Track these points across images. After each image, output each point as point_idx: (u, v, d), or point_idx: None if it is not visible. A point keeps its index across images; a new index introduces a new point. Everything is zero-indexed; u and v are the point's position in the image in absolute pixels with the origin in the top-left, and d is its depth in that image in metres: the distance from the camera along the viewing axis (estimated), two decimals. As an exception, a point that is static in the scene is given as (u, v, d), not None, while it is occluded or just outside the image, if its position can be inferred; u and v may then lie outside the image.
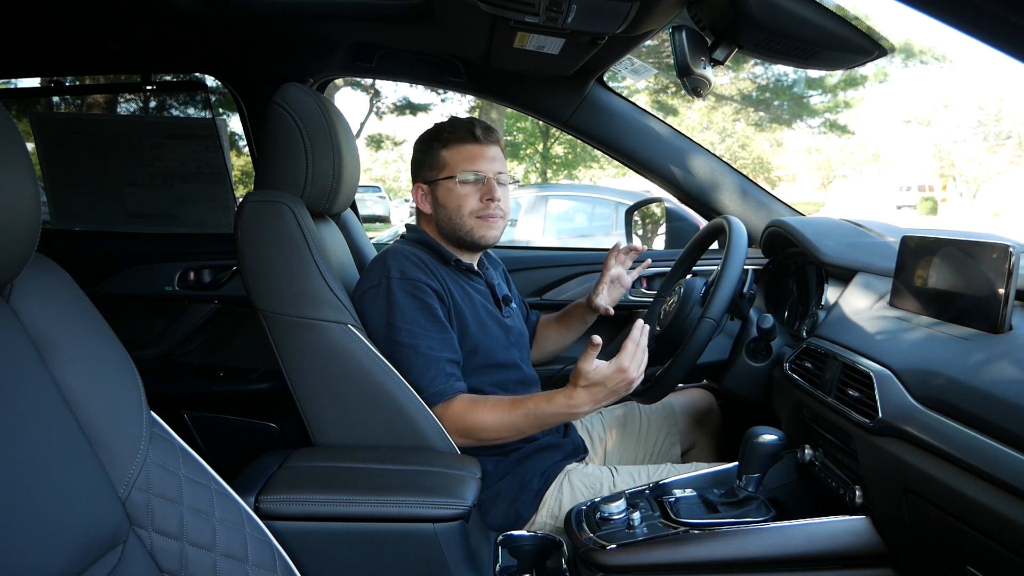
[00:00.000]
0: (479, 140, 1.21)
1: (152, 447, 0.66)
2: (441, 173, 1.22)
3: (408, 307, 1.10)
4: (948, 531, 0.77)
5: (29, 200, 0.57)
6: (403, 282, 1.11)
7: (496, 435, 1.10)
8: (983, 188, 23.55)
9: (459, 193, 1.20)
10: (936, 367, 0.84)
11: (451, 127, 1.23)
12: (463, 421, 1.08)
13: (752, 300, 1.28)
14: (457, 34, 1.49)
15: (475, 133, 1.21)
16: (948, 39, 19.31)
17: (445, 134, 1.22)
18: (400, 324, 1.09)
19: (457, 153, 1.21)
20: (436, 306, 1.12)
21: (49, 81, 1.97)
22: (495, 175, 1.21)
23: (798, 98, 12.55)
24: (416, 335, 1.09)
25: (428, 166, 1.23)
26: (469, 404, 1.09)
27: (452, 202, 1.21)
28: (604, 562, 0.98)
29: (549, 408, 1.05)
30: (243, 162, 5.84)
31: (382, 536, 0.93)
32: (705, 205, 1.71)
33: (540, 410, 1.06)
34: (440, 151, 1.22)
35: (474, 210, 1.20)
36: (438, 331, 1.11)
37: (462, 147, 1.21)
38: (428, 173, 1.24)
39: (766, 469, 1.03)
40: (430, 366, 1.09)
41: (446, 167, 1.21)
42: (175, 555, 0.65)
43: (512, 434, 1.10)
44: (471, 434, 1.09)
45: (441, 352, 1.10)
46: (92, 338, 0.66)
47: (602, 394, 1.02)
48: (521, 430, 1.09)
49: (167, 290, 1.81)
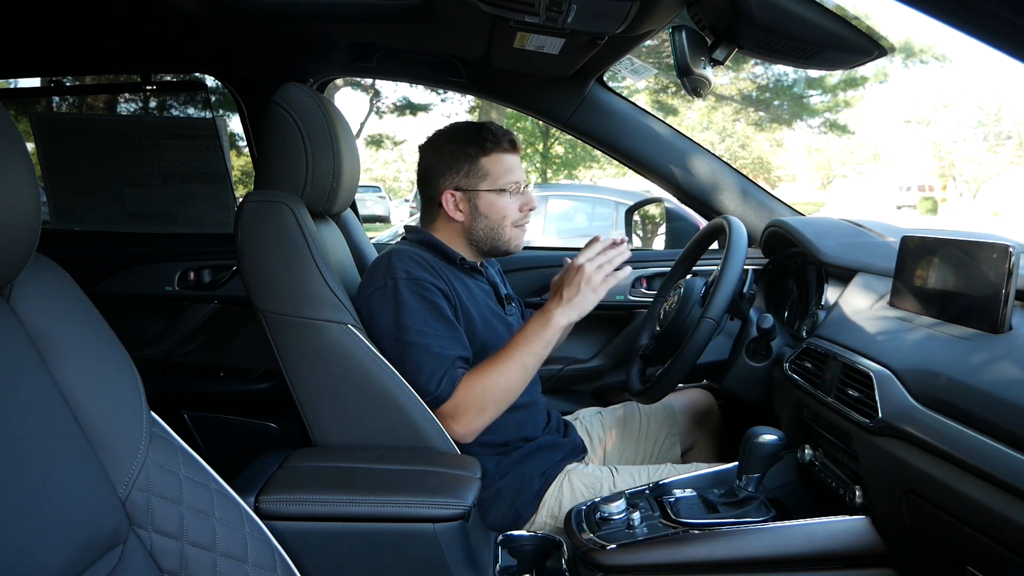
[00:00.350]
0: (516, 149, 1.23)
1: (152, 447, 0.66)
2: (483, 183, 1.20)
3: (417, 307, 1.10)
4: (948, 531, 0.77)
5: (29, 200, 0.57)
6: (410, 283, 1.11)
7: (508, 381, 1.11)
8: (983, 188, 23.55)
9: (504, 203, 1.21)
10: (936, 367, 0.84)
11: (491, 135, 1.21)
12: (478, 392, 1.09)
13: (752, 300, 1.28)
14: (457, 34, 1.49)
15: (514, 142, 1.23)
16: (948, 39, 19.31)
17: (487, 143, 1.20)
18: (410, 324, 1.09)
19: (499, 163, 1.21)
20: (444, 305, 1.13)
21: (49, 81, 1.97)
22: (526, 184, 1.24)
23: (798, 98, 12.54)
24: (427, 334, 1.09)
25: (464, 173, 1.20)
26: (473, 376, 1.11)
27: (496, 213, 1.21)
28: (604, 562, 0.98)
29: (530, 327, 1.11)
30: (243, 162, 5.84)
31: (382, 536, 0.93)
32: (705, 205, 1.71)
33: (525, 333, 1.11)
34: (480, 159, 1.20)
35: (515, 220, 1.23)
36: (448, 330, 1.12)
37: (503, 156, 1.21)
38: (465, 180, 1.20)
39: (766, 469, 1.03)
40: (442, 364, 1.09)
41: (488, 177, 1.20)
42: (175, 555, 0.65)
43: (521, 374, 1.11)
44: (490, 398, 1.10)
45: (452, 350, 1.10)
46: (92, 338, 0.66)
47: (568, 294, 1.10)
48: (524, 363, 1.11)
49: (167, 290, 1.81)
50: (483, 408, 1.09)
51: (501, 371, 1.10)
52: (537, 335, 1.10)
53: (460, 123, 1.27)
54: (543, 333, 1.10)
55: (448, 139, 1.22)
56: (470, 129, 1.23)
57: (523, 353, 1.10)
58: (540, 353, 1.11)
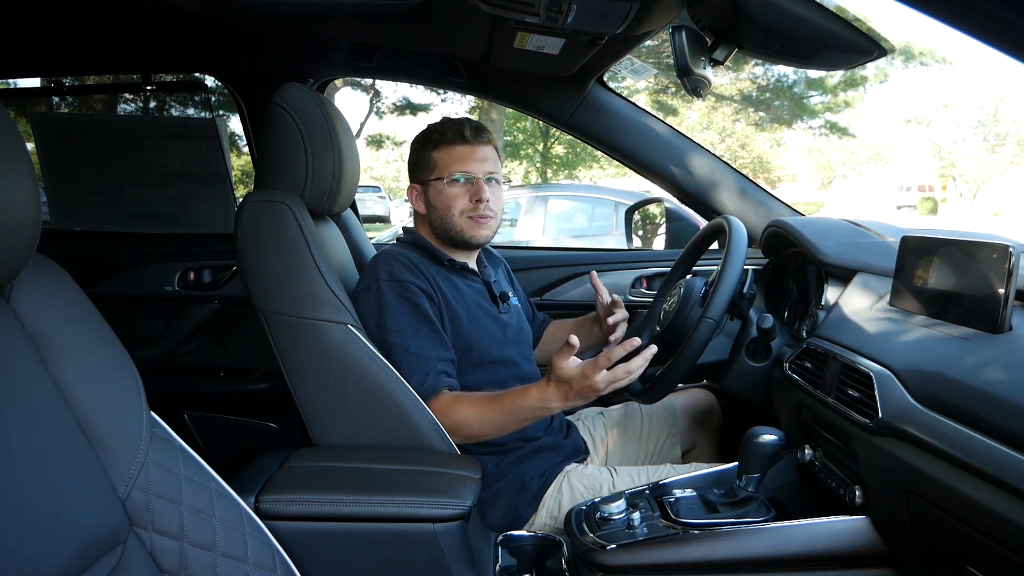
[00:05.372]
0: (468, 141, 1.22)
1: (152, 447, 0.66)
2: (432, 174, 1.23)
3: (397, 308, 1.11)
4: (948, 531, 0.77)
5: (29, 200, 0.57)
6: (392, 284, 1.12)
7: (478, 431, 1.09)
8: (983, 188, 23.56)
9: (448, 194, 1.21)
10: (936, 367, 0.84)
11: (441, 128, 1.24)
12: (445, 417, 1.08)
13: (752, 300, 1.28)
14: (457, 34, 1.49)
15: (464, 134, 1.22)
16: (948, 41, 19.32)
17: (436, 135, 1.24)
18: (391, 325, 1.10)
19: (447, 154, 1.22)
20: (426, 306, 1.13)
21: (49, 81, 1.98)
22: (485, 175, 1.22)
23: (798, 98, 12.54)
24: (406, 335, 1.10)
25: (421, 167, 1.25)
26: (451, 400, 1.09)
27: (442, 203, 1.22)
28: (604, 562, 0.98)
29: (524, 402, 1.05)
30: (243, 162, 5.84)
31: (382, 536, 0.93)
32: (705, 205, 1.71)
33: (515, 404, 1.06)
34: (431, 152, 1.23)
35: (464, 210, 1.22)
36: (428, 331, 1.12)
37: (452, 148, 1.22)
38: (421, 174, 1.25)
39: (766, 469, 1.03)
40: (420, 365, 1.09)
41: (436, 168, 1.23)
42: (175, 555, 0.65)
43: (494, 430, 1.09)
44: (455, 430, 1.09)
45: (432, 351, 1.11)
46: (92, 338, 0.66)
47: (571, 394, 1.01)
48: (501, 425, 1.08)
49: (167, 290, 1.81)
50: (449, 431, 1.09)
51: (481, 419, 1.08)
52: (528, 416, 1.07)
53: (433, 122, 1.29)
54: (534, 415, 1.07)
55: (416, 138, 1.28)
56: (432, 126, 1.27)
57: (508, 420, 1.08)
58: (523, 425, 1.10)
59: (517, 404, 1.05)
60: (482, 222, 1.22)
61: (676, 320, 1.24)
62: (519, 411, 1.06)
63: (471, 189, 1.21)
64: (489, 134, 1.26)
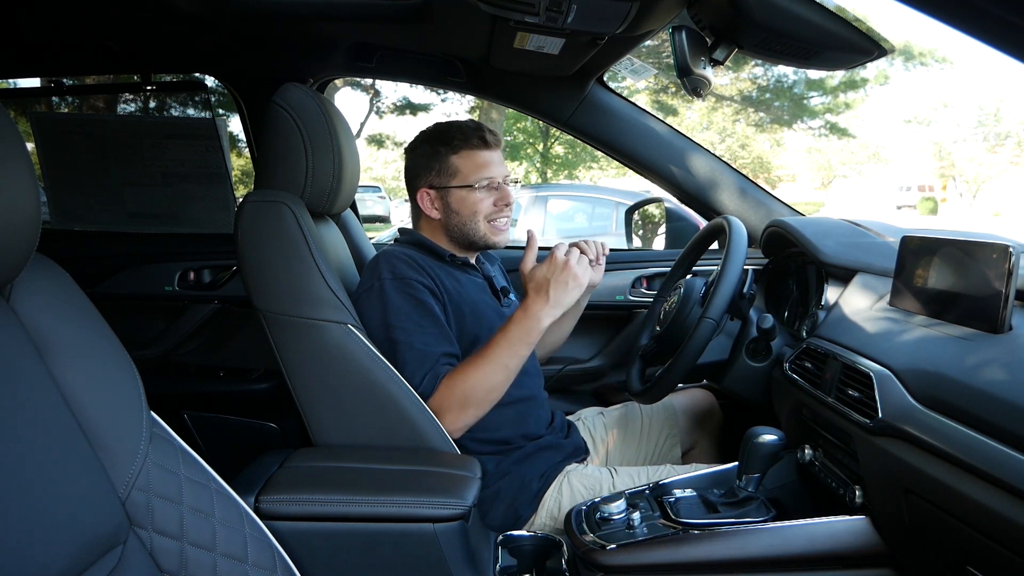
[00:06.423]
0: (489, 146, 1.23)
1: (152, 447, 0.66)
2: (453, 180, 1.22)
3: (402, 305, 1.11)
4: (948, 531, 0.77)
5: (29, 200, 0.57)
6: (395, 282, 1.12)
7: (488, 385, 1.09)
8: (983, 188, 23.56)
9: (475, 199, 1.22)
10: (936, 367, 0.84)
11: (460, 133, 1.23)
12: (453, 393, 1.08)
13: (752, 300, 1.28)
14: (457, 34, 1.49)
15: (486, 139, 1.23)
16: (949, 41, 19.32)
17: (455, 140, 1.22)
18: (395, 322, 1.10)
19: (469, 160, 1.22)
20: (430, 302, 1.13)
21: (49, 81, 1.97)
22: (504, 179, 1.24)
23: (798, 99, 12.54)
24: (411, 331, 1.10)
25: (436, 171, 1.23)
26: (452, 376, 1.10)
27: (467, 209, 1.22)
28: (604, 562, 0.98)
29: (512, 327, 1.08)
30: (243, 162, 5.84)
31: (382, 536, 0.93)
32: (705, 205, 1.71)
33: (507, 335, 1.08)
34: (450, 158, 1.22)
35: (488, 215, 1.23)
36: (433, 326, 1.12)
37: (474, 154, 1.22)
38: (436, 179, 1.24)
39: (766, 469, 1.03)
40: (424, 361, 1.09)
41: (459, 174, 1.22)
42: (175, 555, 0.65)
43: (502, 376, 1.09)
44: (467, 401, 1.08)
45: (436, 347, 1.11)
46: (92, 338, 0.66)
47: (552, 291, 1.06)
48: (505, 364, 1.09)
49: (167, 290, 1.81)
50: (464, 407, 1.09)
51: (484, 372, 1.08)
52: (521, 339, 1.08)
53: (438, 123, 1.28)
54: (527, 336, 1.08)
55: (423, 140, 1.26)
56: (443, 128, 1.25)
57: (506, 355, 1.08)
58: (523, 354, 1.10)
59: (509, 334, 1.08)
60: (504, 225, 1.26)
61: (676, 320, 1.24)
62: (513, 339, 1.08)
63: (496, 194, 1.23)
64: (499, 136, 1.27)
